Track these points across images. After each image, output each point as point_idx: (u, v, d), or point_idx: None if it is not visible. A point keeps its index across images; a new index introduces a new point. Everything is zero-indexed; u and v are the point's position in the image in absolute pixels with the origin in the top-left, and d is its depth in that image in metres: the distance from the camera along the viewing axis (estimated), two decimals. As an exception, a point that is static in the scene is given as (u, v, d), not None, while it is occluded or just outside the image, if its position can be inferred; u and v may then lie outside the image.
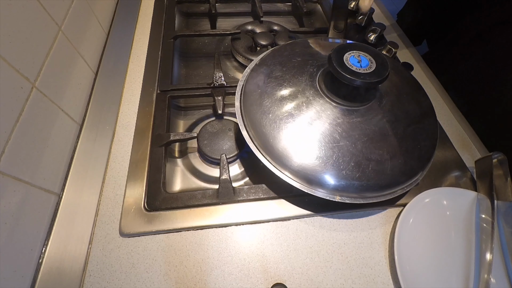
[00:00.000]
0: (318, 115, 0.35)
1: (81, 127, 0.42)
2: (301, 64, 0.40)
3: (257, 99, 0.38)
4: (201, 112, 0.53)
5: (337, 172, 0.33)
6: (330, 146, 0.33)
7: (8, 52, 0.30)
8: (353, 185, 0.33)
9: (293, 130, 0.35)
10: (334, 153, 0.33)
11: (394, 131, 0.36)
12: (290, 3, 0.73)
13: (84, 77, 0.46)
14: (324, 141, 0.34)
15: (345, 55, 0.35)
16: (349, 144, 0.34)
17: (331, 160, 0.33)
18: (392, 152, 0.34)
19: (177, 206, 0.38)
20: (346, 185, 0.34)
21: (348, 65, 0.34)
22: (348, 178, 0.33)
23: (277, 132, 0.35)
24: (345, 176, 0.33)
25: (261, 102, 0.37)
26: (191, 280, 0.34)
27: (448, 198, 0.40)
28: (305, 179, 0.34)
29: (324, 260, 0.36)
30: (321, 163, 0.33)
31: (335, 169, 0.33)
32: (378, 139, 0.35)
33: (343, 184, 0.33)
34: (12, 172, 0.29)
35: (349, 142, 0.34)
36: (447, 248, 0.37)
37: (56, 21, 0.39)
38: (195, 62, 0.61)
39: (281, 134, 0.35)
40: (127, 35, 0.58)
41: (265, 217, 0.38)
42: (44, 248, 0.32)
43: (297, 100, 0.36)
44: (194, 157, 0.47)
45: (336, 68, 0.33)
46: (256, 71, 0.42)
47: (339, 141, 0.34)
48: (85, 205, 0.37)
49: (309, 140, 0.34)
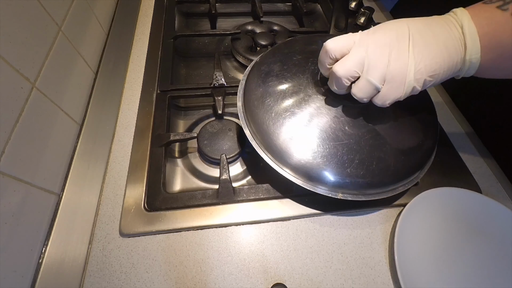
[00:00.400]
0: (319, 112, 0.35)
1: (81, 127, 0.42)
2: (302, 62, 0.40)
3: (258, 97, 0.38)
4: (201, 112, 0.53)
5: (340, 169, 0.33)
6: (332, 144, 0.34)
7: (8, 52, 0.30)
8: (357, 182, 0.34)
9: (295, 127, 0.35)
10: (337, 150, 0.33)
11: (396, 127, 0.36)
12: (290, 3, 0.72)
13: (84, 77, 0.46)
14: (327, 139, 0.34)
15: None
16: (352, 142, 0.34)
17: (335, 158, 0.33)
18: (394, 149, 0.35)
19: (177, 206, 0.38)
20: (348, 182, 0.34)
21: None
22: (351, 175, 0.33)
23: (279, 129, 0.35)
24: (349, 173, 0.33)
25: (263, 100, 0.37)
26: (191, 280, 0.34)
27: (448, 198, 0.40)
28: (307, 176, 0.34)
29: (324, 260, 0.36)
30: (324, 160, 0.33)
31: (338, 167, 0.33)
32: (381, 135, 0.35)
33: (344, 181, 0.34)
34: (12, 172, 0.29)
35: (352, 139, 0.34)
36: (447, 248, 0.37)
37: (56, 21, 0.39)
38: (195, 62, 0.61)
39: (283, 131, 0.35)
40: (127, 35, 0.58)
41: (265, 217, 0.38)
42: (44, 248, 0.32)
43: (298, 98, 0.36)
44: (194, 157, 0.47)
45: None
46: (257, 69, 0.42)
47: (342, 139, 0.34)
48: (85, 205, 0.37)
49: (311, 137, 0.34)
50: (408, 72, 0.27)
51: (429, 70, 0.27)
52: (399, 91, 0.28)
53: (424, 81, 0.28)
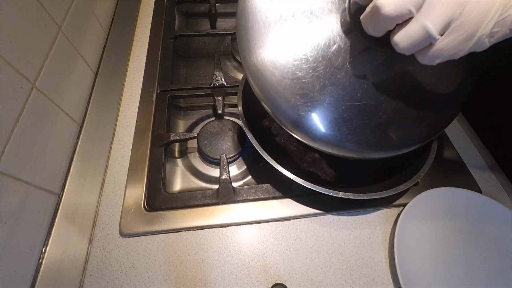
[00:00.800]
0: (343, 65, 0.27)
1: (81, 127, 0.42)
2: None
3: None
4: (201, 112, 0.53)
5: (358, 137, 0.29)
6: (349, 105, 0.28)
7: (8, 52, 0.30)
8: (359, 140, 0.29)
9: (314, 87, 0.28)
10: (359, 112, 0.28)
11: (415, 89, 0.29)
12: (290, 3, 0.72)
13: (84, 77, 0.46)
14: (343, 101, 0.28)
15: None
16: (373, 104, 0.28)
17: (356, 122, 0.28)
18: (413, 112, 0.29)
19: (177, 206, 0.38)
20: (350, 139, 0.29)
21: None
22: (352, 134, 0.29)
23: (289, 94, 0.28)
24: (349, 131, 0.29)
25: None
26: (191, 280, 0.34)
27: (448, 198, 0.40)
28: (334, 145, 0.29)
29: (324, 260, 0.36)
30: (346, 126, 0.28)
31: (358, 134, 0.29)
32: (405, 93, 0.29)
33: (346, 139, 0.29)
34: (12, 172, 0.29)
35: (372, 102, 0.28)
36: (447, 248, 0.37)
37: (56, 21, 0.39)
38: (195, 62, 0.61)
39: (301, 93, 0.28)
40: (127, 35, 0.58)
41: (265, 217, 0.38)
42: (44, 248, 0.32)
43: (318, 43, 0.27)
44: (194, 157, 0.47)
45: None
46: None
47: (360, 99, 0.28)
48: (85, 205, 0.37)
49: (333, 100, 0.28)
50: (489, 20, 0.19)
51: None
52: (463, 46, 0.20)
53: (502, 35, 0.20)
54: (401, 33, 0.21)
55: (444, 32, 0.20)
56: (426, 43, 0.21)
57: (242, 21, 0.29)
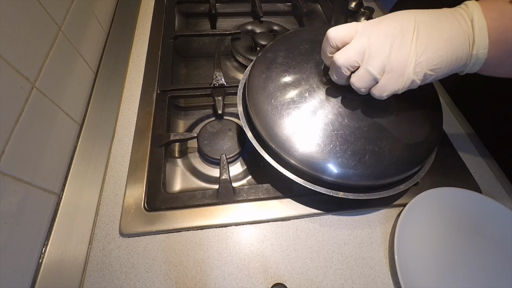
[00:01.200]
0: (321, 105, 0.34)
1: (81, 127, 0.43)
2: (308, 52, 0.39)
3: (260, 90, 0.37)
4: (201, 112, 0.53)
5: (335, 159, 0.33)
6: (328, 133, 0.33)
7: (8, 52, 0.30)
8: (350, 173, 0.33)
9: (296, 119, 0.34)
10: (332, 140, 0.33)
11: (397, 122, 0.35)
12: (290, 3, 0.72)
13: (84, 77, 0.46)
14: (327, 130, 0.33)
15: None
16: (348, 133, 0.33)
17: (331, 147, 0.33)
18: (390, 143, 0.34)
19: (177, 206, 0.38)
20: (345, 174, 0.33)
21: None
22: (345, 166, 0.33)
23: (281, 120, 0.34)
24: (340, 163, 0.33)
25: (265, 85, 0.36)
26: (191, 280, 0.34)
27: (448, 198, 0.40)
28: (309, 167, 0.34)
29: (324, 260, 0.36)
30: (321, 150, 0.33)
31: (333, 157, 0.33)
32: (379, 129, 0.34)
33: (342, 172, 0.33)
34: (12, 172, 0.29)
35: (347, 130, 0.33)
36: (447, 248, 0.37)
37: (56, 21, 0.39)
38: (195, 62, 0.61)
39: (285, 122, 0.34)
40: (127, 35, 0.58)
41: (265, 217, 0.38)
42: (44, 248, 0.32)
43: (301, 89, 0.35)
44: (194, 157, 0.47)
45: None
46: (262, 58, 0.40)
47: (338, 129, 0.33)
48: (85, 205, 0.38)
49: (312, 128, 0.33)
50: (408, 64, 0.27)
51: (431, 64, 0.27)
52: (398, 83, 0.28)
53: (424, 75, 0.27)
54: (354, 76, 0.29)
55: (383, 73, 0.28)
56: (374, 82, 0.29)
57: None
